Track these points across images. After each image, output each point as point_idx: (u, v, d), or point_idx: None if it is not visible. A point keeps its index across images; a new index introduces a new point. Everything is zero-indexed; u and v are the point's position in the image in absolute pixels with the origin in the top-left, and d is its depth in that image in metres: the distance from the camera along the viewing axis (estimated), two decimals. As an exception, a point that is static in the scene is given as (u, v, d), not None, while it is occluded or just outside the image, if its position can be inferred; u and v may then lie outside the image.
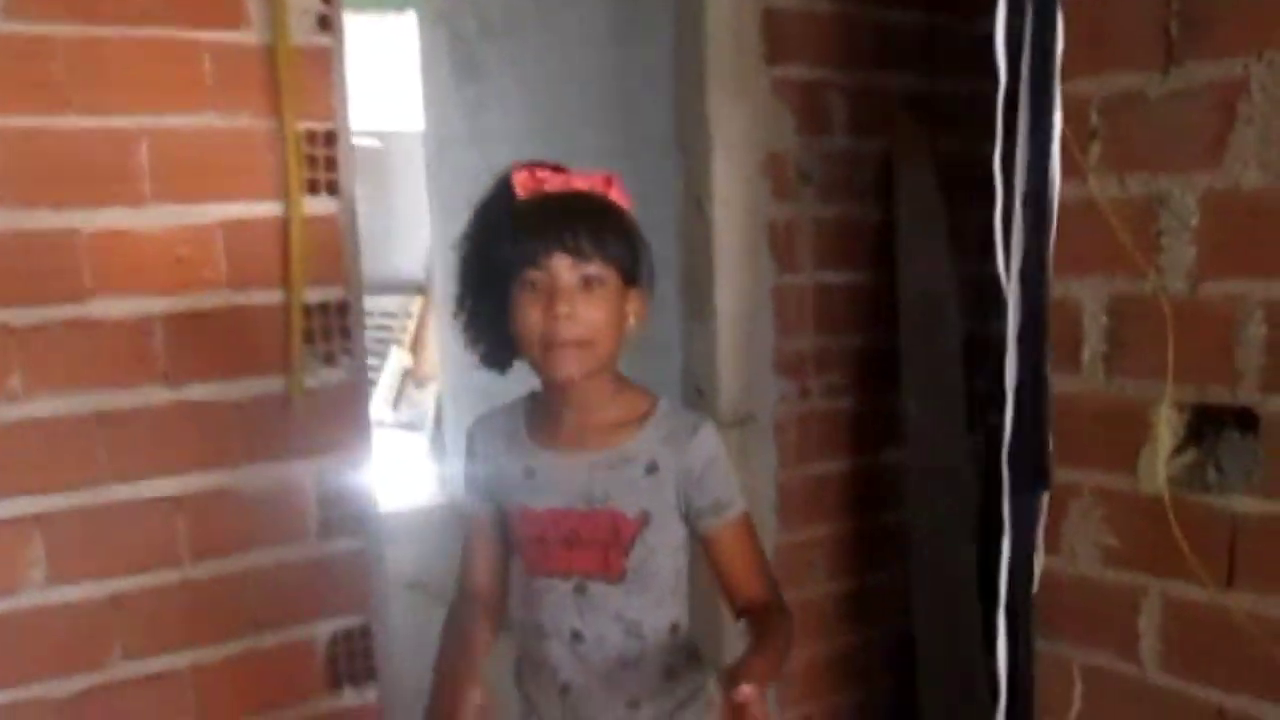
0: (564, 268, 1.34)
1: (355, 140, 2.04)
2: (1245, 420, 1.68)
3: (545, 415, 1.47)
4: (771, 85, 2.55)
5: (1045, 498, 1.33)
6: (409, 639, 2.15)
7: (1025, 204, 1.02)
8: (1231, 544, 1.69)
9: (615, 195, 1.43)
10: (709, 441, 1.43)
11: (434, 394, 5.88)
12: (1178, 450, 1.76)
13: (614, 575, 1.41)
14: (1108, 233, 1.78)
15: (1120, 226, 1.77)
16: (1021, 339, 1.12)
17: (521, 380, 1.51)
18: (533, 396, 1.52)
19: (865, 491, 2.79)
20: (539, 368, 1.40)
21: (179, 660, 1.94)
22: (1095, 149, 1.80)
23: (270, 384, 1.97)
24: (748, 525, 1.47)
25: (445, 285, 5.00)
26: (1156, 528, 1.78)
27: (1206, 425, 1.72)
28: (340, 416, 2.04)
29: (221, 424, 1.94)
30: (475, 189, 1.46)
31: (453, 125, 4.72)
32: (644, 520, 1.40)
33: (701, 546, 1.46)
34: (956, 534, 2.70)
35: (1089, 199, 1.81)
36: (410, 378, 6.49)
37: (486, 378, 4.53)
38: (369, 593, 2.09)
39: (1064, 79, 1.83)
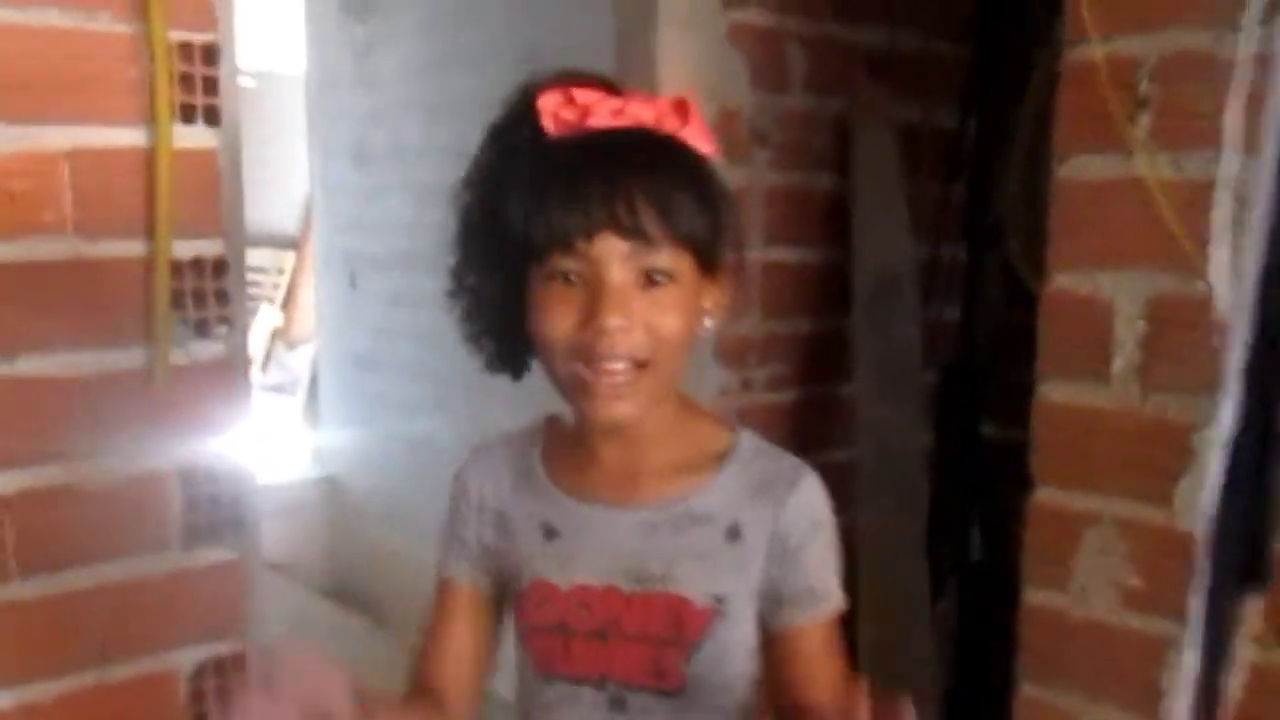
0: (616, 257, 0.93)
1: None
2: (1313, 451, 1.43)
3: (575, 450, 1.08)
4: (728, 30, 2.24)
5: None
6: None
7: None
8: (1286, 594, 1.44)
9: (691, 131, 0.99)
10: (814, 500, 1.04)
11: (307, 356, 5.47)
12: (1227, 481, 1.51)
13: (669, 685, 1.01)
14: (1153, 221, 1.51)
15: (1171, 214, 1.49)
16: (1251, 372, 0.76)
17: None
18: (552, 421, 1.14)
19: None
20: (571, 398, 1.00)
21: (2, 699, 1.54)
22: (1144, 120, 1.52)
23: (127, 358, 1.57)
24: (836, 630, 1.07)
25: (325, 237, 4.58)
26: (1192, 570, 1.53)
27: (1262, 454, 1.47)
28: (213, 399, 1.65)
29: (64, 405, 1.54)
30: (360, 133, 1.07)
31: (338, 65, 4.32)
32: (718, 609, 1.00)
33: (766, 641, 1.05)
34: (907, 545, 2.44)
35: (1132, 179, 1.53)
36: (280, 338, 6.06)
37: (367, 343, 4.14)
38: (244, 614, 1.72)
39: (1106, 36, 1.58)
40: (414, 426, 4.16)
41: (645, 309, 0.94)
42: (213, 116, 1.59)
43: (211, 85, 1.58)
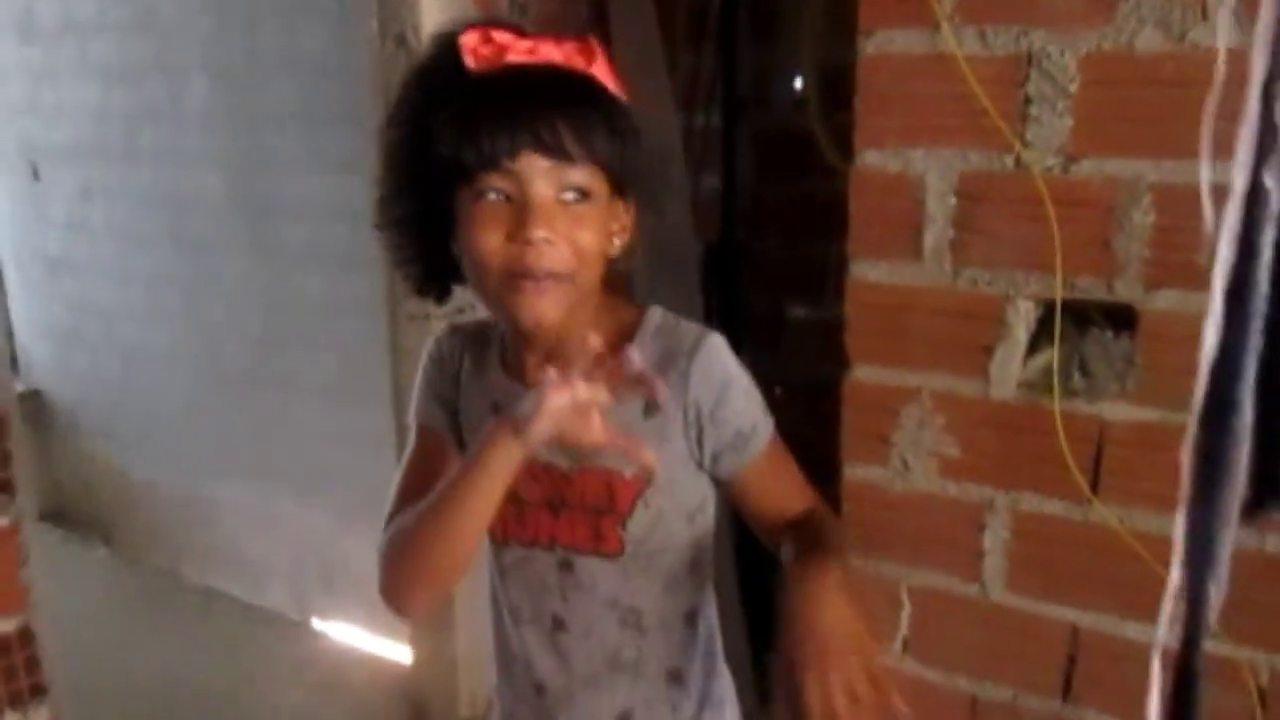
0: (539, 174, 1.00)
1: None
2: (1121, 318, 1.50)
3: (518, 342, 1.15)
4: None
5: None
6: None
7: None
8: (1098, 454, 1.53)
9: (599, 69, 1.05)
10: (717, 359, 1.09)
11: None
12: (1037, 350, 1.57)
13: (609, 549, 1.11)
14: (963, 97, 1.52)
15: (981, 90, 1.51)
16: (1237, 289, 0.74)
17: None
18: None
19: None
20: (499, 307, 1.06)
21: None
22: (950, -7, 1.52)
23: None
24: (779, 447, 1.14)
25: None
26: (1009, 436, 1.59)
27: (1072, 324, 1.53)
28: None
29: None
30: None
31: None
32: (646, 478, 1.09)
33: (727, 491, 1.15)
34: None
35: (940, 54, 1.53)
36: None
37: (60, 243, 3.77)
38: (25, 585, 1.53)
39: (907, -92, 1.55)
40: (124, 334, 3.83)
41: (567, 225, 1.01)
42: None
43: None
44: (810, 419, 1.82)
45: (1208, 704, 1.37)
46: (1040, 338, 1.57)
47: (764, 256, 2.73)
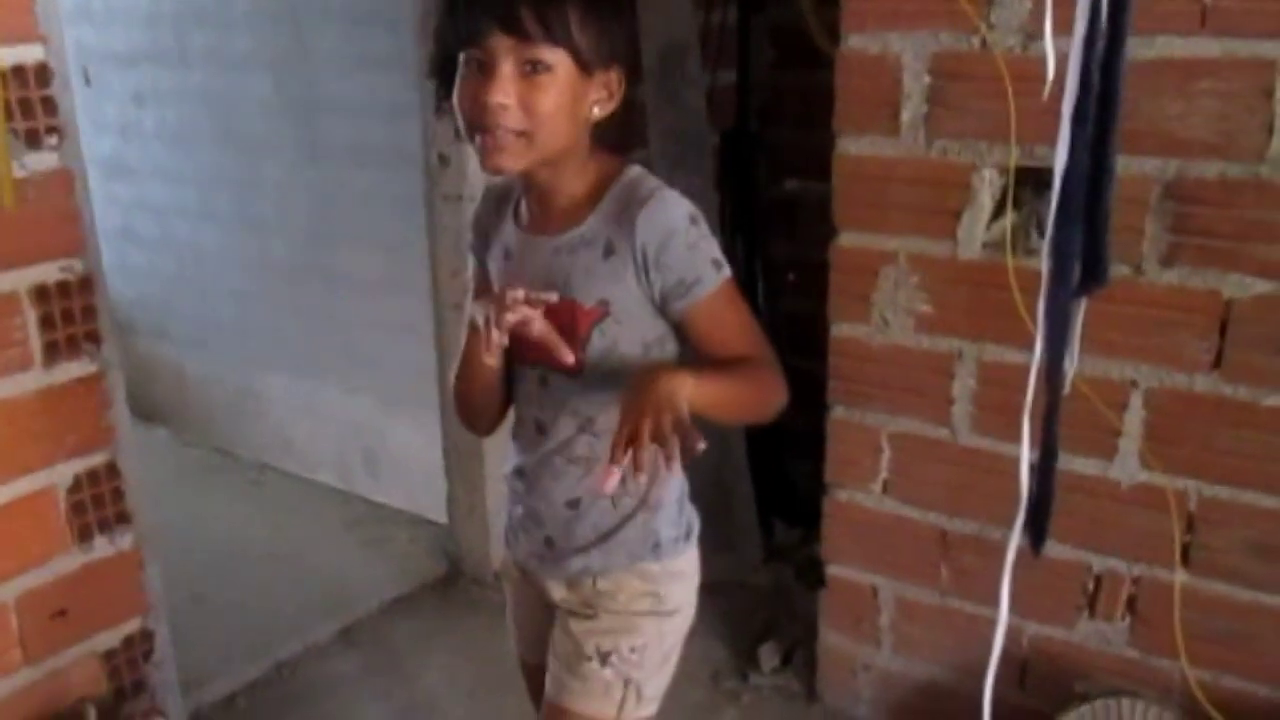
0: (504, 50, 1.18)
1: None
2: (1074, 182, 1.67)
3: (526, 193, 1.36)
4: None
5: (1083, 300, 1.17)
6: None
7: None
8: (1052, 305, 1.71)
9: None
10: (661, 214, 1.24)
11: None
12: (1001, 214, 1.74)
13: (572, 368, 1.30)
14: (934, -16, 1.69)
15: (949, -24, 1.67)
16: (1079, 115, 0.94)
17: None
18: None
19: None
20: (477, 156, 1.25)
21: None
22: (922, -110, 1.67)
23: (-41, 179, 1.54)
24: (726, 297, 1.29)
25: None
26: (974, 293, 1.78)
27: (1032, 189, 1.70)
28: (54, 212, 1.64)
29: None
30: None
31: None
32: (603, 310, 1.29)
33: (677, 331, 1.32)
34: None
35: (912, -54, 1.69)
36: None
37: (113, 146, 3.88)
38: (111, 424, 1.75)
39: None
40: (177, 233, 4.03)
41: (524, 91, 1.19)
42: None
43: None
44: (822, 293, 1.99)
45: (1141, 526, 1.58)
46: (1005, 202, 1.74)
47: (777, 143, 2.90)
